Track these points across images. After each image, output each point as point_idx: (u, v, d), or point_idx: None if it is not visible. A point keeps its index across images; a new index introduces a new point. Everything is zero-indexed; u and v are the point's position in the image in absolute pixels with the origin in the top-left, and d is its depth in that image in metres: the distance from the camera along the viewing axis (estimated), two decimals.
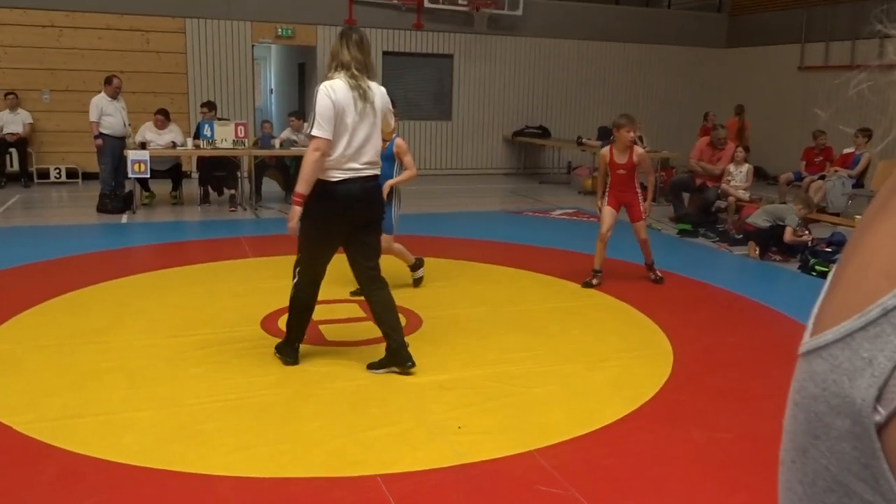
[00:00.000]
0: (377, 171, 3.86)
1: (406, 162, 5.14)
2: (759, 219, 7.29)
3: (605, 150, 5.94)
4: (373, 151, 3.80)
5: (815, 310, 0.41)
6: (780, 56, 14.08)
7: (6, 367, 3.82)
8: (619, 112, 6.39)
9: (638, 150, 5.82)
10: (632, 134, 5.77)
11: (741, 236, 7.58)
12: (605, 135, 11.97)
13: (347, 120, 3.68)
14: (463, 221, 8.87)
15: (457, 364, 4.05)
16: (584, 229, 8.50)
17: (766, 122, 13.91)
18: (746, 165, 8.96)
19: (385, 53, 13.12)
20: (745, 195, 8.79)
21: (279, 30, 12.34)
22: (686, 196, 9.30)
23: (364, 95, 3.72)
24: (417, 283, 5.65)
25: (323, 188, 3.70)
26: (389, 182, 4.93)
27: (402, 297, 5.18)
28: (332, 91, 3.66)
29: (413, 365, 3.84)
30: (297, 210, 3.67)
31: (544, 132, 13.98)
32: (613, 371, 4.01)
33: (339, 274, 5.00)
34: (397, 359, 3.86)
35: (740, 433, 3.30)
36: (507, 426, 3.31)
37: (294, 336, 3.97)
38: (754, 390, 3.79)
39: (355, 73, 3.71)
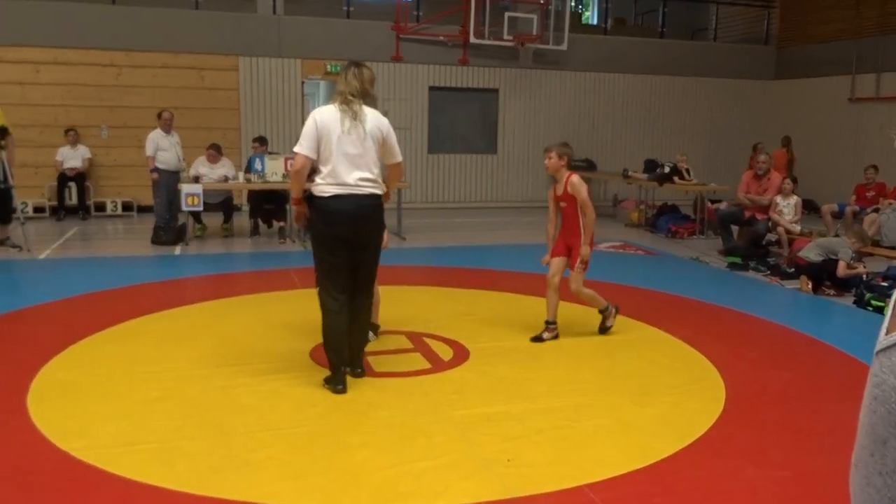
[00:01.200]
0: (375, 190, 4.02)
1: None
2: (811, 252, 7.13)
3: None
4: (366, 169, 3.98)
5: (889, 311, 0.42)
6: (830, 87, 13.87)
7: (63, 395, 3.93)
8: (665, 144, 6.28)
9: (573, 179, 4.87)
10: (553, 159, 4.85)
11: (793, 270, 7.41)
12: (652, 168, 11.91)
13: (333, 137, 3.92)
14: (508, 254, 8.87)
15: (504, 396, 4.03)
16: (632, 262, 8.43)
17: (816, 154, 13.67)
18: (794, 198, 8.81)
19: (431, 88, 13.32)
20: (795, 228, 8.63)
21: (328, 66, 12.64)
22: (735, 229, 9.16)
23: (354, 116, 3.96)
24: (604, 331, 5.21)
25: (318, 203, 3.99)
26: None
27: (449, 329, 5.20)
28: (319, 113, 4.01)
29: (342, 390, 3.96)
30: (295, 210, 4.26)
31: (590, 165, 13.95)
32: (663, 405, 3.94)
33: (388, 305, 5.04)
34: (333, 376, 4.03)
35: (797, 471, 3.20)
36: (556, 459, 3.27)
37: (335, 362, 4.03)
38: (811, 427, 3.68)
39: (348, 97, 3.98)
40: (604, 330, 5.21)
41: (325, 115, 3.96)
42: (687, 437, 3.51)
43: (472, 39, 12.76)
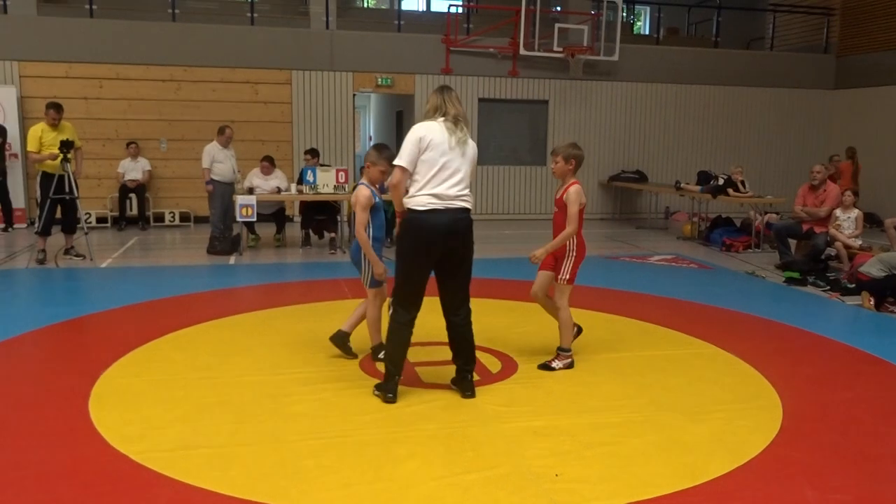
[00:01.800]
0: (468, 205, 4.07)
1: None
2: (872, 268, 6.92)
3: None
4: (463, 186, 4.02)
5: None
6: (893, 97, 13.44)
7: (123, 400, 4.05)
8: (719, 156, 6.09)
9: (572, 189, 4.56)
10: (559, 164, 4.59)
11: (854, 286, 7.18)
12: (705, 180, 11.70)
13: (437, 152, 3.94)
14: None
15: (552, 410, 4.00)
16: (684, 276, 8.28)
17: (878, 166, 13.24)
18: (855, 211, 8.55)
19: (481, 100, 13.37)
20: (854, 242, 8.37)
21: (379, 79, 12.81)
22: (793, 243, 8.94)
23: (460, 140, 4.01)
24: (545, 368, 4.68)
25: (412, 217, 3.96)
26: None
27: (498, 342, 5.19)
28: (424, 128, 4.00)
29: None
30: (398, 223, 4.09)
31: (641, 177, 13.80)
32: (716, 423, 3.86)
33: (437, 316, 5.06)
34: (461, 385, 4.16)
35: (859, 495, 3.09)
36: (606, 476, 3.23)
37: (392, 371, 4.06)
38: (874, 449, 3.56)
39: (459, 119, 4.03)
40: (546, 367, 4.65)
41: (433, 130, 3.97)
42: (741, 457, 3.43)
43: (522, 51, 12.77)
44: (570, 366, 4.68)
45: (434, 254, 3.99)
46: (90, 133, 11.32)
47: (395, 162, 3.99)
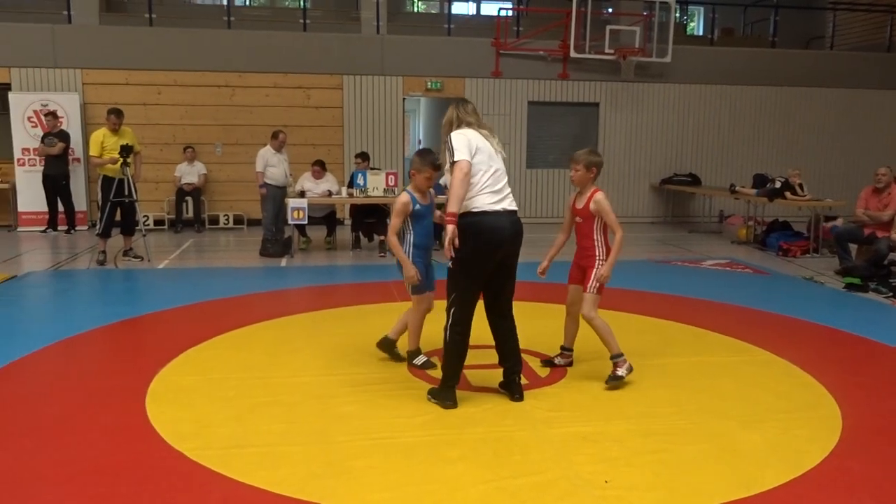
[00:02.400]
0: (516, 208, 4.07)
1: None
2: None
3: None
4: (508, 189, 4.06)
5: None
6: None
7: (179, 398, 4.15)
8: (775, 158, 5.90)
9: (598, 196, 4.42)
10: (580, 172, 4.43)
11: None
12: (761, 183, 11.43)
13: (485, 155, 3.97)
14: None
15: (601, 416, 3.96)
16: (739, 280, 8.10)
17: None
18: None
19: (530, 103, 13.32)
20: None
21: (429, 83, 12.87)
22: (854, 248, 8.66)
23: (497, 147, 4.08)
24: (613, 381, 4.41)
25: (476, 220, 3.89)
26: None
27: (546, 346, 5.16)
28: (468, 132, 3.99)
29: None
30: (452, 228, 3.78)
31: (694, 179, 13.55)
32: (771, 432, 3.76)
33: (478, 317, 5.05)
34: (509, 388, 4.16)
35: None
36: (656, 484, 3.17)
37: (450, 379, 4.05)
38: None
39: (484, 125, 4.09)
40: (613, 380, 4.40)
41: (476, 136, 3.98)
42: (798, 468, 3.33)
43: (573, 54, 12.68)
44: (630, 368, 4.50)
45: (498, 256, 3.94)
46: (148, 138, 11.65)
47: (459, 157, 3.84)
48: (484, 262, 3.93)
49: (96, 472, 3.22)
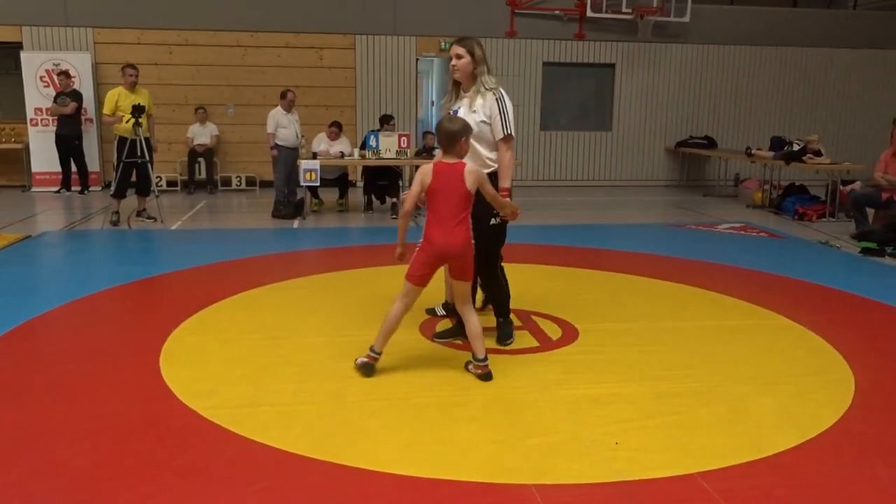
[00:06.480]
0: None
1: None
2: None
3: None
4: None
5: None
6: None
7: (194, 358, 4.18)
8: (794, 121, 5.77)
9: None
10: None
11: None
12: (779, 146, 11.26)
13: None
14: (621, 233, 8.66)
15: (613, 378, 3.95)
16: (753, 244, 8.03)
17: None
18: None
19: (545, 64, 13.13)
20: None
21: (442, 44, 12.69)
22: (871, 212, 8.55)
23: None
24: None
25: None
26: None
27: (559, 308, 5.15)
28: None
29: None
30: (509, 202, 4.09)
31: (710, 142, 13.37)
32: (784, 396, 3.75)
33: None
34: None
35: None
36: (668, 445, 3.18)
37: (509, 317, 4.59)
38: None
39: None
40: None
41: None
42: (810, 431, 3.32)
43: (589, 13, 12.45)
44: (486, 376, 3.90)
45: None
46: (161, 98, 11.59)
47: (513, 131, 4.22)
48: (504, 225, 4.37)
49: (111, 429, 3.26)
